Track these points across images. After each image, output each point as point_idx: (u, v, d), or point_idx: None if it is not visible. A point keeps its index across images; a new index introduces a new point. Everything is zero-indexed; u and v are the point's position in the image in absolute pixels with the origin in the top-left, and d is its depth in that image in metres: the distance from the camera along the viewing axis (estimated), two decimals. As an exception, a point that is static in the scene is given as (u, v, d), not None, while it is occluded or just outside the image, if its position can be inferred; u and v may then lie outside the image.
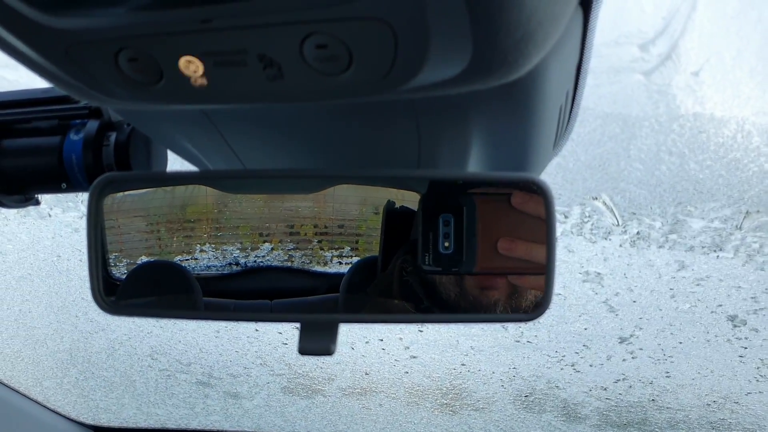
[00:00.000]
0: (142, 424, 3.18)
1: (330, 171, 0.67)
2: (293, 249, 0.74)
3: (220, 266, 0.77)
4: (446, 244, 0.61)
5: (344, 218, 0.72)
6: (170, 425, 3.14)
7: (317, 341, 0.59)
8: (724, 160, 1.84)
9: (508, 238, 0.62)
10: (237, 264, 0.77)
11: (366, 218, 0.72)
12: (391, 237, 0.70)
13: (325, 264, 0.74)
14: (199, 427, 3.13)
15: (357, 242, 0.74)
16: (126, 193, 0.74)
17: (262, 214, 0.74)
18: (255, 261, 0.76)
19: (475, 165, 0.64)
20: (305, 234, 0.74)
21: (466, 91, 0.38)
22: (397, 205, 0.69)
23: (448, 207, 0.62)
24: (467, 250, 0.61)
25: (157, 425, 3.11)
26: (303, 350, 0.59)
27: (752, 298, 2.24)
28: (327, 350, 0.59)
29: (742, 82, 1.70)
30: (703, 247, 2.09)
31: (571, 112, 0.66)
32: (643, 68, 1.62)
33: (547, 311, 0.63)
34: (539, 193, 0.58)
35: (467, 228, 0.61)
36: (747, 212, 1.97)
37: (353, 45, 0.34)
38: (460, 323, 2.04)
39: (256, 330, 2.88)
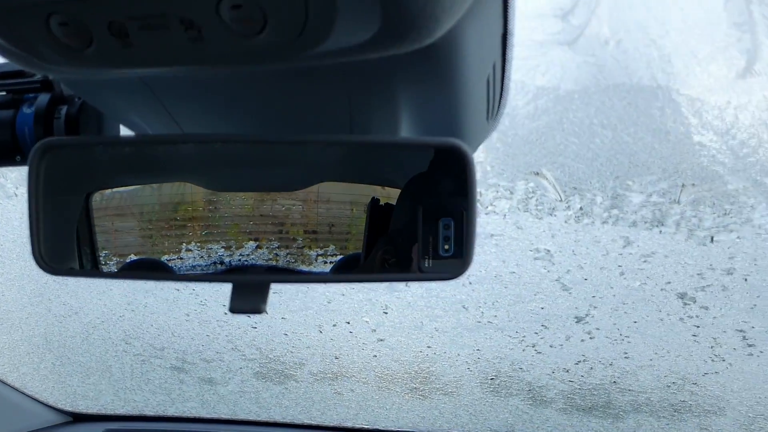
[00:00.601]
0: (120, 411, 3.21)
1: (264, 136, 0.69)
2: (279, 247, 0.75)
3: (205, 265, 0.77)
4: (446, 246, 0.63)
5: (332, 217, 0.75)
6: (148, 412, 3.17)
7: (248, 301, 0.61)
8: (657, 132, 1.86)
9: None
10: (221, 263, 0.77)
11: (356, 217, 0.74)
12: (374, 231, 0.71)
13: (310, 264, 0.75)
14: (176, 414, 3.16)
15: (347, 240, 0.76)
16: (114, 189, 0.78)
17: (250, 213, 0.75)
18: (240, 260, 0.77)
19: (407, 134, 0.66)
20: (294, 234, 0.75)
21: (382, 55, 0.40)
22: (382, 203, 0.71)
23: (448, 211, 0.63)
24: (467, 250, 0.63)
25: (135, 412, 3.14)
26: (234, 309, 0.61)
27: (698, 274, 2.26)
28: (257, 309, 0.61)
29: (665, 51, 1.73)
30: (645, 222, 2.12)
31: (502, 84, 0.68)
32: (567, 39, 1.65)
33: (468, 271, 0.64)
34: (459, 156, 0.59)
35: (467, 230, 0.63)
36: (683, 185, 1.99)
37: (266, 5, 0.37)
38: (390, 282, 2.07)
39: (225, 314, 2.91)
